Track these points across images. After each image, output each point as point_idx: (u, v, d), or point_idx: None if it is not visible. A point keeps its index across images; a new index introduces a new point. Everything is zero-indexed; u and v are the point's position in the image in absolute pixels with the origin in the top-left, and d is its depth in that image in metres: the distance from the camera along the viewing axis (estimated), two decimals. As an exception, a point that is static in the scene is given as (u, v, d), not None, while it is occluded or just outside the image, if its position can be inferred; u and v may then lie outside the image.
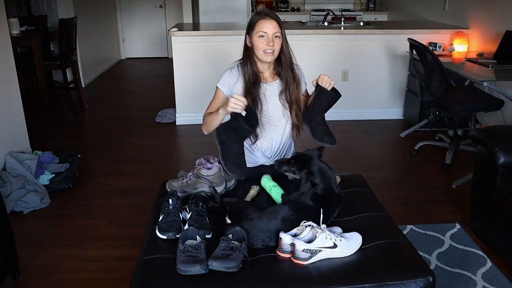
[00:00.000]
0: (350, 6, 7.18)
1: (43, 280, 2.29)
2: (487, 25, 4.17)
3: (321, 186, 1.74)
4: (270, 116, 2.13)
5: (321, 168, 1.79)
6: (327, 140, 2.02)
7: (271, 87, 2.12)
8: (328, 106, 2.03)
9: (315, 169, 1.77)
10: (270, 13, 2.04)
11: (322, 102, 2.00)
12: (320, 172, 1.77)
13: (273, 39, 1.99)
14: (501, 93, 3.43)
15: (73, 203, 3.07)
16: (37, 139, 3.93)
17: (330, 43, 4.54)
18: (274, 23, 2.00)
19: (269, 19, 2.00)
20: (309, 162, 1.80)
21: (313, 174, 1.76)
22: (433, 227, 2.67)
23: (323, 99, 1.99)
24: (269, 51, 2.00)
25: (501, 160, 2.26)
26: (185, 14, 6.39)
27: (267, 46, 1.99)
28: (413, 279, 1.46)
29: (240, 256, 1.48)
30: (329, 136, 2.03)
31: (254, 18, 2.04)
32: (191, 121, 4.55)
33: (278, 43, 2.02)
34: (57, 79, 5.39)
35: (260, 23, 2.00)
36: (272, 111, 2.13)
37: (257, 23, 2.02)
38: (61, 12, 5.71)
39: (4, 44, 3.37)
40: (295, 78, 2.12)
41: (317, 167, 1.78)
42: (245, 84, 2.08)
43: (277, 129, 2.15)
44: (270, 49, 1.99)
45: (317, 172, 1.77)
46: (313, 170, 1.77)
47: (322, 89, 1.96)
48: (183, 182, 1.93)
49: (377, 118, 4.75)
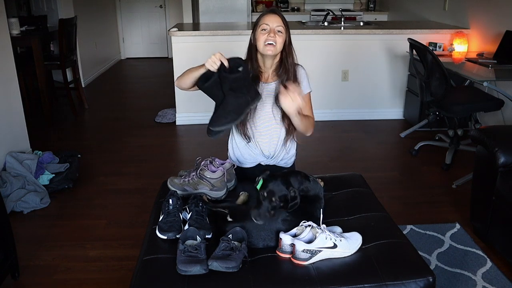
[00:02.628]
0: (350, 6, 7.17)
1: (43, 280, 2.29)
2: (487, 25, 4.17)
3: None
4: (265, 117, 2.10)
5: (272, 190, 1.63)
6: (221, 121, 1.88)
7: (268, 88, 2.10)
8: (232, 86, 1.85)
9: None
10: (276, 9, 2.05)
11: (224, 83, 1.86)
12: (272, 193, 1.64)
13: (275, 32, 1.98)
14: (501, 93, 3.43)
15: (73, 203, 3.07)
16: (37, 139, 3.93)
17: (330, 43, 4.54)
18: (277, 17, 2.00)
19: (273, 13, 2.02)
20: (276, 190, 1.63)
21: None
22: (433, 227, 2.67)
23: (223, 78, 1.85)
24: (269, 42, 1.97)
25: (501, 160, 2.26)
26: (185, 14, 6.39)
27: (268, 37, 1.97)
28: (413, 279, 1.46)
29: (240, 256, 1.48)
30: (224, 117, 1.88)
31: (260, 16, 2.05)
32: (191, 121, 4.55)
33: (280, 38, 1.99)
34: (57, 79, 5.39)
35: (264, 17, 2.01)
36: (268, 112, 2.10)
37: (261, 18, 2.02)
38: (61, 12, 5.70)
39: (4, 44, 3.37)
40: (297, 80, 2.08)
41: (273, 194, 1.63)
42: None
43: (272, 131, 2.12)
44: (271, 40, 1.97)
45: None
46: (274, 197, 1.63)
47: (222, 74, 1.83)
48: (185, 180, 1.93)
49: (377, 118, 4.75)
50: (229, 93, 1.86)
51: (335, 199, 1.94)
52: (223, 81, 1.84)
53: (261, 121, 2.11)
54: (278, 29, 1.99)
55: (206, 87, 1.89)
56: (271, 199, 1.60)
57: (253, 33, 2.05)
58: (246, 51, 2.12)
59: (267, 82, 2.11)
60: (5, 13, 3.39)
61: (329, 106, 4.65)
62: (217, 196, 1.91)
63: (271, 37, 1.97)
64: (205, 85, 1.88)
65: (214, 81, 1.86)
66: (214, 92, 1.90)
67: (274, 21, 1.99)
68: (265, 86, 2.10)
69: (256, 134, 2.13)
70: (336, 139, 4.26)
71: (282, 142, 2.16)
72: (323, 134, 4.30)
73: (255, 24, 2.05)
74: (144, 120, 4.82)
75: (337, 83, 4.66)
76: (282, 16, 2.03)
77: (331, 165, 3.61)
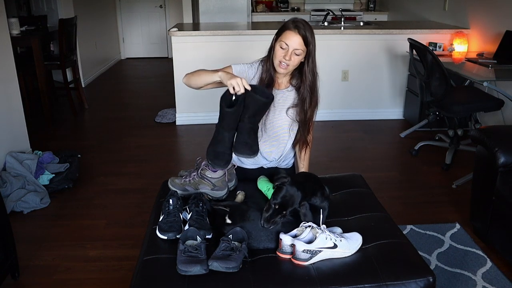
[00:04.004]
0: (350, 6, 7.17)
1: (43, 280, 2.29)
2: (487, 25, 4.17)
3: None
4: (274, 123, 2.09)
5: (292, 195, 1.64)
6: (246, 152, 1.80)
7: (281, 95, 2.08)
8: (256, 112, 1.80)
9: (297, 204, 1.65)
10: (301, 25, 1.93)
11: (248, 108, 1.78)
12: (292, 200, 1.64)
13: (291, 54, 1.93)
14: (501, 93, 3.43)
15: (73, 203, 3.07)
16: (37, 139, 3.93)
17: (330, 43, 4.54)
18: (299, 39, 1.91)
19: (296, 33, 1.91)
20: (289, 203, 1.64)
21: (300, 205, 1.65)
22: (433, 227, 2.67)
23: (248, 103, 1.77)
24: (283, 64, 1.95)
25: (501, 160, 2.26)
26: (185, 14, 6.39)
27: (283, 58, 1.93)
28: (413, 279, 1.46)
29: (240, 257, 1.48)
30: (249, 147, 1.81)
31: (286, 25, 1.96)
32: (191, 121, 4.55)
33: (296, 60, 1.95)
34: (57, 79, 5.39)
35: (287, 33, 1.93)
36: (277, 119, 2.08)
37: (285, 31, 1.94)
38: (61, 12, 5.70)
39: (4, 44, 3.37)
40: (312, 100, 2.05)
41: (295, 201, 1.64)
42: (260, 82, 2.04)
43: (280, 139, 2.10)
44: (285, 62, 1.94)
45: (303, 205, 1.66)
46: (296, 208, 1.65)
47: (249, 92, 1.76)
48: (186, 180, 1.93)
49: (377, 118, 4.75)
50: (248, 121, 1.79)
51: (335, 199, 1.94)
52: (250, 104, 1.76)
53: (272, 128, 2.08)
54: (296, 52, 1.93)
55: (229, 112, 1.77)
56: (282, 212, 1.61)
57: (275, 39, 1.98)
58: (258, 59, 2.09)
59: (280, 89, 2.09)
60: (5, 13, 3.39)
61: (329, 106, 4.65)
62: (218, 196, 1.92)
63: (285, 59, 1.93)
64: (229, 110, 1.76)
65: (238, 107, 1.76)
66: (233, 117, 1.79)
67: (294, 42, 1.91)
68: (278, 92, 2.08)
69: (264, 140, 2.10)
70: (336, 139, 4.26)
71: (288, 150, 2.17)
72: (323, 134, 4.30)
73: (279, 33, 1.97)
74: (144, 120, 4.82)
75: (337, 83, 4.66)
76: (305, 34, 1.92)
77: (331, 165, 3.61)
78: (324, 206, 1.70)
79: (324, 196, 1.71)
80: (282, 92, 2.09)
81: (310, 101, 2.05)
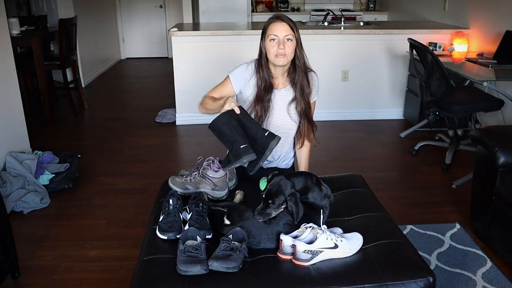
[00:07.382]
0: (350, 6, 7.17)
1: (43, 280, 2.29)
2: (487, 25, 4.17)
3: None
4: (274, 123, 2.10)
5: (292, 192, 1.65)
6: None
7: (280, 94, 2.09)
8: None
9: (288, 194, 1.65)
10: (282, 16, 1.99)
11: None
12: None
13: (284, 42, 1.94)
14: (501, 93, 3.43)
15: (73, 203, 3.07)
16: (37, 139, 3.93)
17: (330, 43, 4.54)
18: (285, 25, 1.95)
19: (280, 21, 1.96)
20: (276, 192, 1.65)
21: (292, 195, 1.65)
22: (433, 227, 2.67)
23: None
24: (280, 54, 1.95)
25: (501, 160, 2.26)
26: (185, 14, 6.39)
27: (278, 49, 1.94)
28: (413, 279, 1.46)
29: (240, 257, 1.48)
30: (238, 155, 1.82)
31: (268, 21, 2.00)
32: (191, 121, 4.55)
33: (290, 46, 1.96)
34: (57, 79, 5.38)
35: (271, 26, 1.97)
36: (278, 119, 2.10)
37: (268, 27, 1.98)
38: (61, 12, 5.70)
39: (4, 44, 3.37)
40: (309, 85, 2.07)
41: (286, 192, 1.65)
42: (257, 91, 2.05)
43: (282, 137, 2.08)
44: (281, 52, 1.95)
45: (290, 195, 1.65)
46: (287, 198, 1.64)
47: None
48: (187, 179, 1.93)
49: (377, 118, 4.75)
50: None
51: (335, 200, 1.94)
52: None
53: (273, 128, 2.09)
54: (287, 38, 1.95)
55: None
56: (269, 201, 1.61)
57: (262, 41, 2.02)
58: (256, 58, 2.10)
59: (278, 89, 2.10)
60: (5, 13, 3.39)
61: (329, 106, 4.65)
62: (219, 196, 1.91)
63: (281, 49, 1.94)
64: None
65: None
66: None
67: (282, 30, 1.95)
68: (277, 92, 2.09)
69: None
70: (336, 139, 4.26)
71: (288, 150, 2.17)
72: (323, 134, 4.30)
73: (263, 32, 2.01)
74: (144, 120, 4.82)
75: (337, 83, 4.65)
76: (289, 21, 1.97)
77: (331, 165, 3.61)
78: (324, 205, 1.70)
79: (323, 194, 1.71)
80: (282, 91, 2.10)
81: (307, 85, 2.06)
